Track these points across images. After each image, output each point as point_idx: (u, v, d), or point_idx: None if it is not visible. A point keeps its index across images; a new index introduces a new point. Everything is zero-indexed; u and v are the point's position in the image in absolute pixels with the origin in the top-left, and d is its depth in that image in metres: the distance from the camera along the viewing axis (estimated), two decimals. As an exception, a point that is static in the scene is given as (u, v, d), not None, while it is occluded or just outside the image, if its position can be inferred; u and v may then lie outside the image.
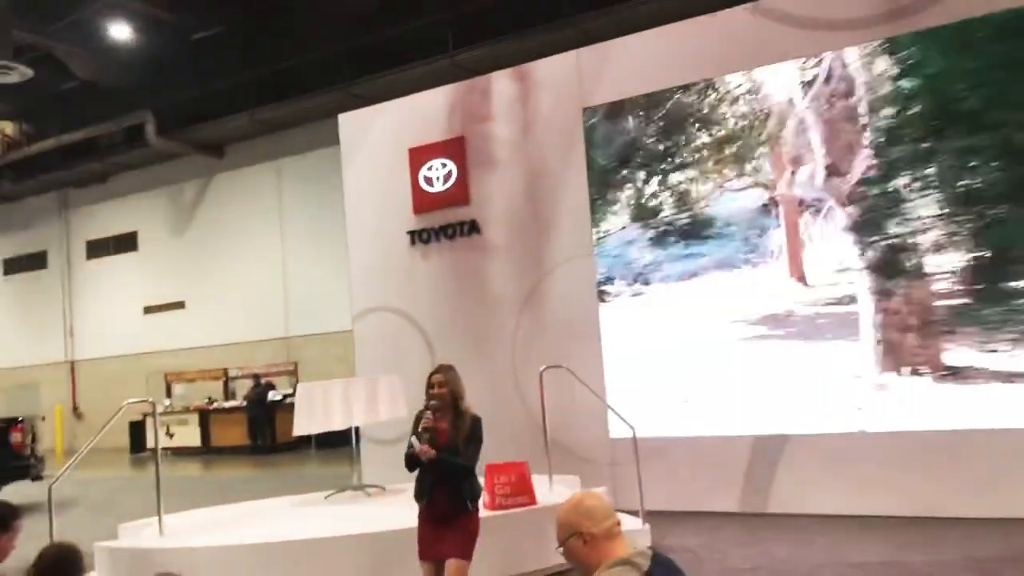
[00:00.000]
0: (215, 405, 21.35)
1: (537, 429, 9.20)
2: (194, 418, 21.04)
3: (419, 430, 5.07)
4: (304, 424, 8.13)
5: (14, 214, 28.37)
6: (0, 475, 12.58)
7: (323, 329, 21.92)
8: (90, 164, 25.27)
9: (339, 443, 19.68)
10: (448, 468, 5.08)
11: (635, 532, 7.50)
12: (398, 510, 7.15)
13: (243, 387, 21.83)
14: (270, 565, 6.12)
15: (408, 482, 8.42)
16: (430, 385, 5.17)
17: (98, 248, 26.71)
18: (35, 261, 28.09)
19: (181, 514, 7.80)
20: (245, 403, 20.37)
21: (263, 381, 20.70)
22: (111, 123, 23.44)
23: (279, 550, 6.21)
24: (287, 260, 22.90)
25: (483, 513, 6.81)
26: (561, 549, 2.45)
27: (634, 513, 7.67)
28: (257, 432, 19.87)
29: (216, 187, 24.27)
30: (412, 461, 5.14)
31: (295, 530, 6.66)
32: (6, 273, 28.85)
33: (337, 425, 8.12)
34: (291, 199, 22.98)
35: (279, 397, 20.64)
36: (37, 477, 13.18)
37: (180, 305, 24.77)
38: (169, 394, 22.86)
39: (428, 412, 5.08)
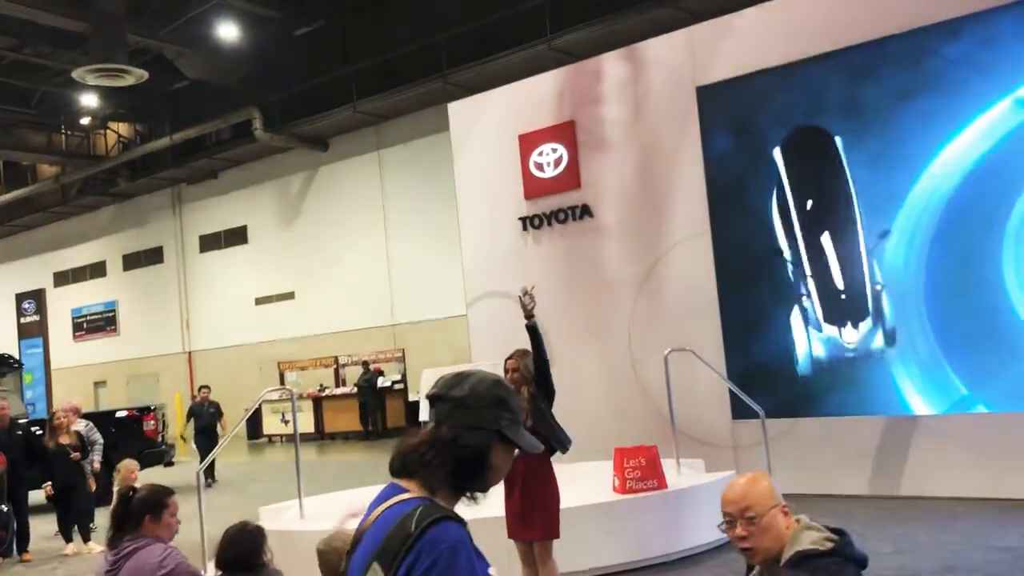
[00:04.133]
0: (327, 392, 21.95)
1: (656, 413, 9.20)
2: (307, 404, 21.67)
3: None
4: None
5: (131, 211, 29.64)
6: (137, 460, 13.18)
7: (428, 316, 22.27)
8: (201, 161, 26.18)
9: (448, 427, 20.02)
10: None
11: (766, 515, 7.40)
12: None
13: (352, 374, 22.38)
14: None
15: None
16: (505, 370, 5.38)
17: (210, 242, 27.69)
18: (152, 256, 29.31)
19: (315, 497, 8.04)
20: (356, 389, 20.87)
21: (372, 367, 21.17)
22: (219, 120, 24.20)
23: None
24: (391, 249, 23.32)
25: (613, 497, 6.89)
26: (742, 520, 2.47)
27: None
28: (369, 417, 20.33)
29: (321, 179, 24.86)
30: None
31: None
32: (126, 268, 30.18)
33: (462, 410, 8.23)
34: (393, 189, 23.37)
35: (388, 383, 21.10)
36: (169, 463, 13.80)
37: (290, 296, 25.49)
38: (282, 382, 23.58)
39: None
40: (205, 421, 14.29)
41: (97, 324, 30.62)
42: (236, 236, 26.98)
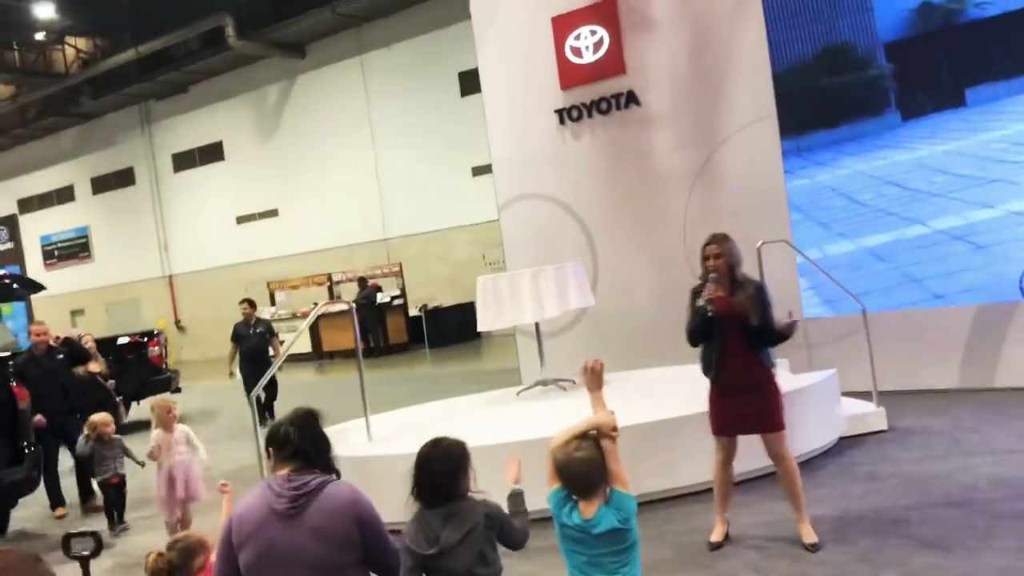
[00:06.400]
0: (323, 310, 21.15)
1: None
2: (302, 324, 20.84)
3: (698, 304, 4.81)
4: (489, 320, 7.56)
5: (97, 131, 28.14)
6: (143, 389, 12.45)
7: (422, 228, 21.46)
8: (169, 74, 24.71)
9: (452, 342, 19.45)
10: (751, 330, 4.75)
11: (869, 415, 6.90)
12: (610, 404, 6.62)
13: (348, 291, 21.58)
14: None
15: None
16: (705, 257, 4.75)
17: (184, 160, 26.40)
18: (123, 178, 27.96)
19: (372, 418, 7.37)
20: (355, 306, 20.09)
21: (370, 283, 20.40)
22: (188, 29, 22.72)
23: (517, 449, 5.71)
24: (379, 160, 22.29)
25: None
26: None
27: (865, 395, 7.05)
28: (369, 335, 19.64)
29: (300, 89, 23.58)
30: (696, 333, 4.84)
31: (521, 429, 6.14)
32: (95, 192, 28.81)
33: (527, 319, 7.56)
34: (378, 96, 22.21)
35: (387, 299, 20.37)
36: (176, 389, 13.05)
37: (273, 213, 24.47)
38: (273, 302, 22.76)
39: (710, 283, 4.67)
40: (253, 343, 11.65)
41: (69, 251, 29.38)
42: (211, 153, 25.72)
